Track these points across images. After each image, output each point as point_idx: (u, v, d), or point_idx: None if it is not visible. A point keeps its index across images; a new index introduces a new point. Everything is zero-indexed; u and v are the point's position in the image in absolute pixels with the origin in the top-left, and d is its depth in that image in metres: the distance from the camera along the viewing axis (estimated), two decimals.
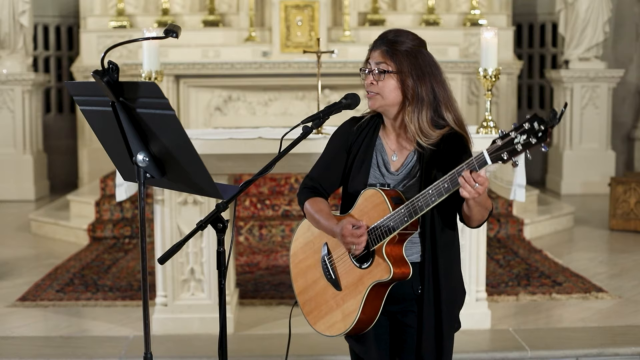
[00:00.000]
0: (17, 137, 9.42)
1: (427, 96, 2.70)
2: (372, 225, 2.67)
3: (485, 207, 2.64)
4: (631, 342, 4.53)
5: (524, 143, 2.35)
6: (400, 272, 2.66)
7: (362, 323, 2.74)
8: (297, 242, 3.01)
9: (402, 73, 2.69)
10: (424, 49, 2.76)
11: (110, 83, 2.44)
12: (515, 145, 2.37)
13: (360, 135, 2.84)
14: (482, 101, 9.32)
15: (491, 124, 4.61)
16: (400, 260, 2.67)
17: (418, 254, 2.75)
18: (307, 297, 2.94)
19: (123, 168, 2.74)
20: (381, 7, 9.84)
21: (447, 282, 2.75)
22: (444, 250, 2.74)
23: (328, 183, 2.91)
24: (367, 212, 2.71)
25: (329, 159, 2.91)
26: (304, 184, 2.94)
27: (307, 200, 2.89)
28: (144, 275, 2.56)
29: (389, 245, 2.66)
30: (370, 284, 2.69)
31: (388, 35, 2.76)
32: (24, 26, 9.44)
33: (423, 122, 2.69)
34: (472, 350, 4.44)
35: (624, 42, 10.52)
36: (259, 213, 7.40)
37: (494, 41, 4.61)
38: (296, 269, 3.00)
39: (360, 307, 2.70)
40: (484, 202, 2.60)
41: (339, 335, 2.82)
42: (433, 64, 2.74)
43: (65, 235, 7.37)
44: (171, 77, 8.67)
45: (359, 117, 2.89)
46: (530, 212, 7.65)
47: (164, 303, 4.74)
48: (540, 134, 2.33)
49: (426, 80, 2.70)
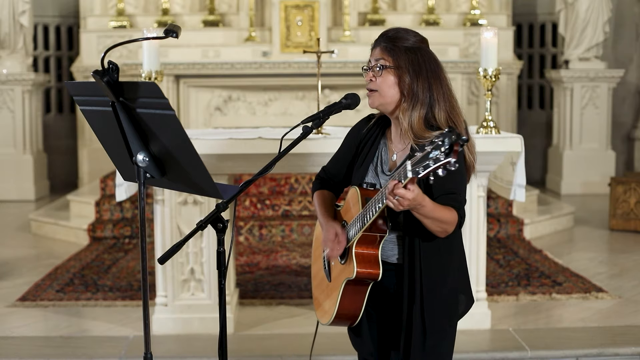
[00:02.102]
0: (17, 137, 9.42)
1: (422, 94, 2.67)
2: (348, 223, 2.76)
3: (439, 220, 2.56)
4: (631, 342, 4.53)
5: (435, 159, 2.26)
6: (366, 272, 2.67)
7: (344, 316, 2.79)
8: (318, 228, 3.07)
9: (400, 68, 2.68)
10: (425, 46, 2.75)
11: (110, 83, 2.44)
12: (428, 160, 2.27)
13: (368, 134, 2.87)
14: (482, 101, 9.32)
15: (491, 124, 4.61)
16: (371, 261, 2.68)
17: (396, 257, 2.76)
18: (316, 282, 3.04)
19: (123, 168, 2.74)
20: (381, 7, 9.84)
21: (430, 285, 2.68)
22: (426, 252, 2.68)
23: (338, 177, 2.99)
24: (349, 210, 2.79)
25: (341, 154, 2.98)
26: (318, 174, 3.05)
27: (316, 191, 3.00)
28: (144, 275, 2.56)
29: (362, 245, 2.68)
30: (343, 280, 2.74)
31: (389, 32, 2.76)
32: (24, 26, 9.44)
33: (414, 121, 2.66)
34: (472, 350, 4.44)
35: (624, 42, 10.52)
36: (259, 213, 7.40)
37: (494, 41, 4.61)
38: (315, 253, 3.09)
39: (338, 301, 2.76)
40: (430, 215, 2.52)
41: (326, 325, 2.90)
42: (433, 61, 2.71)
43: (65, 235, 7.37)
44: (171, 77, 8.67)
45: (374, 115, 2.91)
46: (530, 212, 7.65)
47: (164, 303, 4.74)
48: (447, 151, 2.24)
49: (423, 77, 2.67)
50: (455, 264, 2.79)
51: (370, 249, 2.69)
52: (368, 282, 2.72)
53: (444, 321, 2.74)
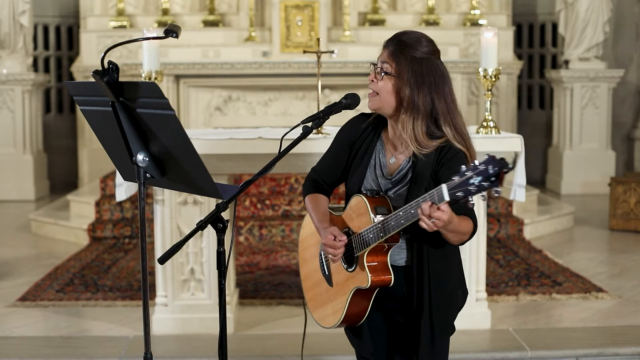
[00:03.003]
0: (17, 137, 9.42)
1: (424, 106, 2.65)
2: (357, 233, 2.71)
3: (461, 233, 2.59)
4: (631, 342, 4.53)
5: (478, 185, 2.28)
6: (379, 280, 2.69)
7: (350, 320, 2.81)
8: (305, 230, 3.05)
9: (400, 79, 2.66)
10: (435, 57, 2.71)
11: (110, 83, 2.44)
12: (469, 186, 2.30)
13: (363, 134, 2.84)
14: (482, 101, 9.32)
15: (491, 124, 4.61)
16: (382, 269, 2.70)
17: (404, 259, 2.76)
18: (309, 284, 3.00)
19: (123, 168, 2.74)
20: (381, 7, 9.84)
21: (438, 287, 2.72)
22: (434, 256, 2.71)
23: (330, 178, 2.93)
24: (354, 219, 2.76)
25: (333, 154, 2.93)
26: (308, 176, 2.98)
27: (308, 195, 2.93)
28: (144, 275, 2.56)
29: (372, 254, 2.69)
30: (353, 288, 2.74)
31: (402, 36, 2.72)
32: (24, 26, 9.43)
33: (418, 132, 2.66)
34: (472, 350, 4.44)
35: (624, 42, 10.52)
36: (259, 213, 7.40)
37: (494, 41, 4.61)
38: (303, 255, 3.06)
39: (346, 307, 2.77)
40: (455, 229, 2.54)
41: (330, 328, 2.89)
42: (438, 74, 2.68)
43: (65, 235, 7.37)
44: (171, 77, 8.67)
45: (368, 114, 2.88)
46: (530, 212, 7.65)
47: (164, 303, 4.74)
48: (493, 179, 2.26)
49: (424, 90, 2.65)
50: (456, 262, 2.83)
51: (379, 257, 2.71)
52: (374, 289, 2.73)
53: (450, 318, 2.81)
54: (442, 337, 2.78)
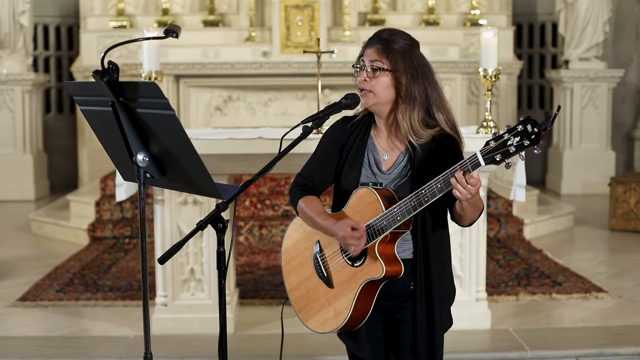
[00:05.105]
0: (17, 137, 9.43)
1: (419, 96, 2.73)
2: (366, 224, 2.69)
3: (477, 208, 2.66)
4: (631, 342, 4.53)
5: (517, 145, 2.37)
6: (392, 271, 2.69)
7: (354, 320, 2.78)
8: (289, 240, 3.02)
9: (397, 71, 2.72)
10: (417, 49, 2.79)
11: (110, 83, 2.44)
12: (508, 147, 2.38)
13: (352, 134, 2.87)
14: (482, 101, 9.32)
15: (491, 124, 4.61)
16: (392, 259, 2.71)
17: (410, 251, 2.78)
18: (299, 294, 2.96)
19: (123, 168, 2.74)
20: (381, 7, 9.84)
21: (439, 279, 2.78)
22: (436, 248, 2.77)
23: (320, 181, 2.92)
24: (360, 211, 2.73)
25: (321, 157, 2.92)
26: (295, 182, 2.94)
27: (301, 198, 2.89)
28: (144, 275, 2.56)
29: (381, 243, 2.69)
30: (363, 281, 2.72)
31: (383, 33, 2.79)
32: (24, 26, 9.44)
33: (415, 121, 2.73)
34: (472, 350, 4.44)
35: (624, 42, 10.52)
36: (259, 213, 7.41)
37: (494, 41, 4.61)
38: (288, 266, 3.00)
39: (352, 304, 2.74)
40: (476, 202, 2.62)
41: (332, 332, 2.85)
42: (426, 65, 2.77)
43: (65, 235, 7.37)
44: (171, 77, 8.67)
45: (351, 116, 2.92)
46: (530, 212, 7.65)
47: (164, 303, 4.74)
48: (534, 137, 2.35)
49: (419, 80, 2.73)
50: (450, 255, 2.89)
51: (388, 247, 2.71)
52: (382, 282, 2.73)
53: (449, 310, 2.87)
54: (443, 330, 2.82)
